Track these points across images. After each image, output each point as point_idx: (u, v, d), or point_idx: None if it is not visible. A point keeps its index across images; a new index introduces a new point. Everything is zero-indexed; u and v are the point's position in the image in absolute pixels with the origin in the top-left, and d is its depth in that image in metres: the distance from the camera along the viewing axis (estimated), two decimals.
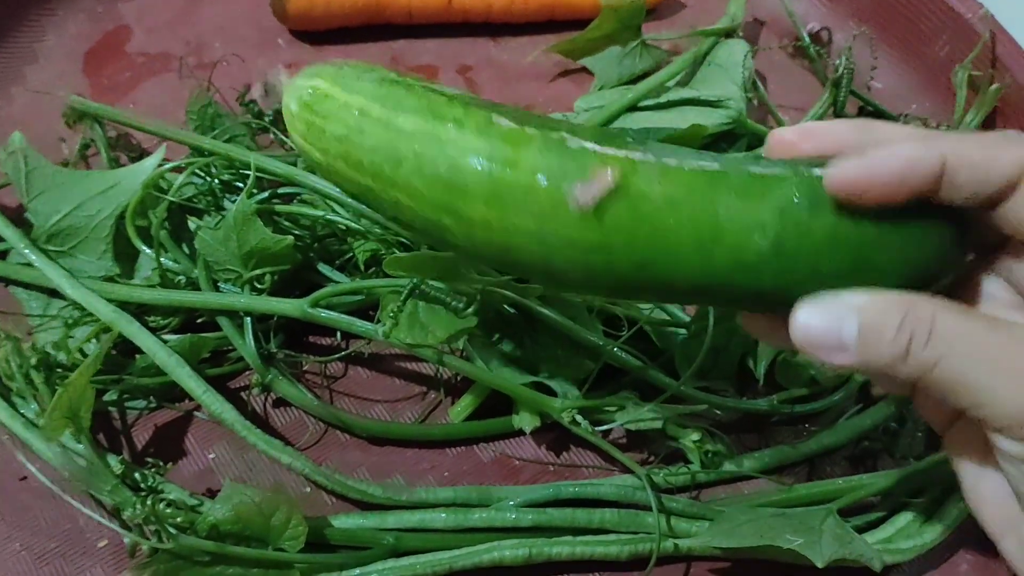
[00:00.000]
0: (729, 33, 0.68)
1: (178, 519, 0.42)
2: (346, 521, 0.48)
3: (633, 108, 0.63)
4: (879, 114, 0.64)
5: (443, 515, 0.48)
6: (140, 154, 0.61)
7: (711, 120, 0.62)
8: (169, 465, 0.47)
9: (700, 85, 0.65)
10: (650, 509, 0.47)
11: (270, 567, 0.45)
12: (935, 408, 0.36)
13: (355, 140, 0.42)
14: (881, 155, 0.30)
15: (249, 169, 0.52)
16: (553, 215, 0.34)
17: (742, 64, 0.64)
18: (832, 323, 0.30)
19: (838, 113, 0.61)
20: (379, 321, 0.48)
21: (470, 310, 0.46)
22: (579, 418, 0.47)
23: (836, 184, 0.30)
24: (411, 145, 0.39)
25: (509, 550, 0.46)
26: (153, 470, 0.47)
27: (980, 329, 0.30)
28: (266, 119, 0.61)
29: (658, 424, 0.48)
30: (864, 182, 0.30)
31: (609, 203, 0.33)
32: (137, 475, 0.47)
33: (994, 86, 0.57)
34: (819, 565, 0.42)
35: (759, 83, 0.68)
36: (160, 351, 0.50)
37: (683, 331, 0.53)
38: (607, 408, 0.49)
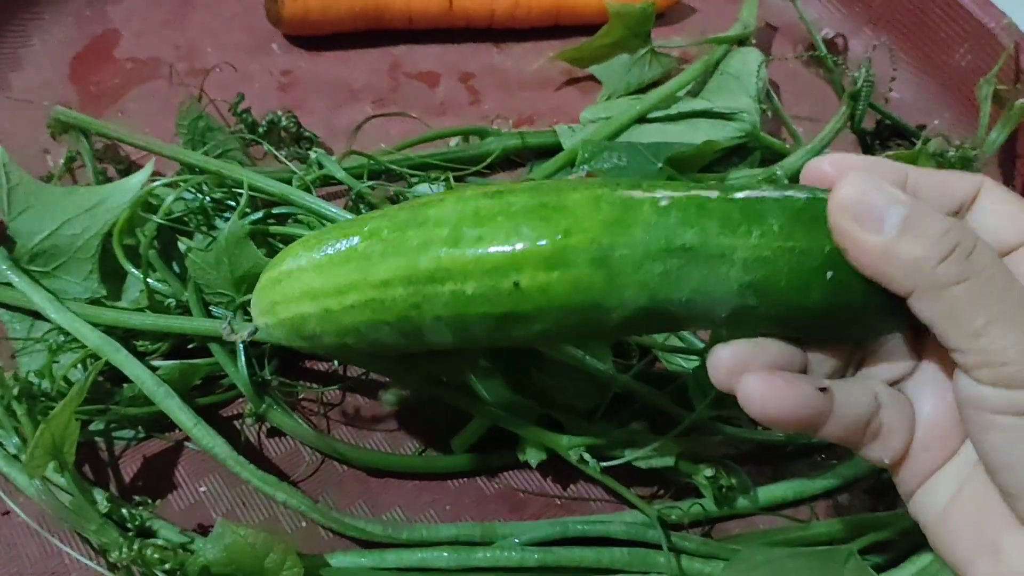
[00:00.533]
0: (742, 40, 0.65)
1: (167, 565, 0.40)
2: (343, 560, 0.46)
3: (642, 119, 0.61)
4: (898, 128, 0.61)
5: (445, 554, 0.46)
6: (128, 167, 0.58)
7: (723, 134, 0.60)
8: (157, 502, 0.45)
9: (712, 95, 0.63)
10: (661, 548, 0.45)
11: None
12: (912, 473, 0.34)
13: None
14: (851, 154, 0.34)
15: (241, 187, 0.50)
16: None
17: (756, 74, 0.61)
18: (879, 199, 0.30)
19: (855, 128, 0.59)
20: None
21: None
22: (587, 456, 0.45)
23: (811, 174, 0.33)
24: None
25: None
26: (140, 508, 0.45)
27: (1005, 269, 0.30)
28: (260, 131, 0.58)
29: (669, 462, 0.46)
30: (833, 172, 0.32)
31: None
32: (124, 511, 0.45)
33: (1020, 101, 0.54)
34: None
35: (772, 93, 0.65)
36: (148, 380, 0.47)
37: (696, 358, 0.51)
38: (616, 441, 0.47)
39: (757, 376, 0.32)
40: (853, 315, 0.32)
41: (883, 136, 0.61)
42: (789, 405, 0.31)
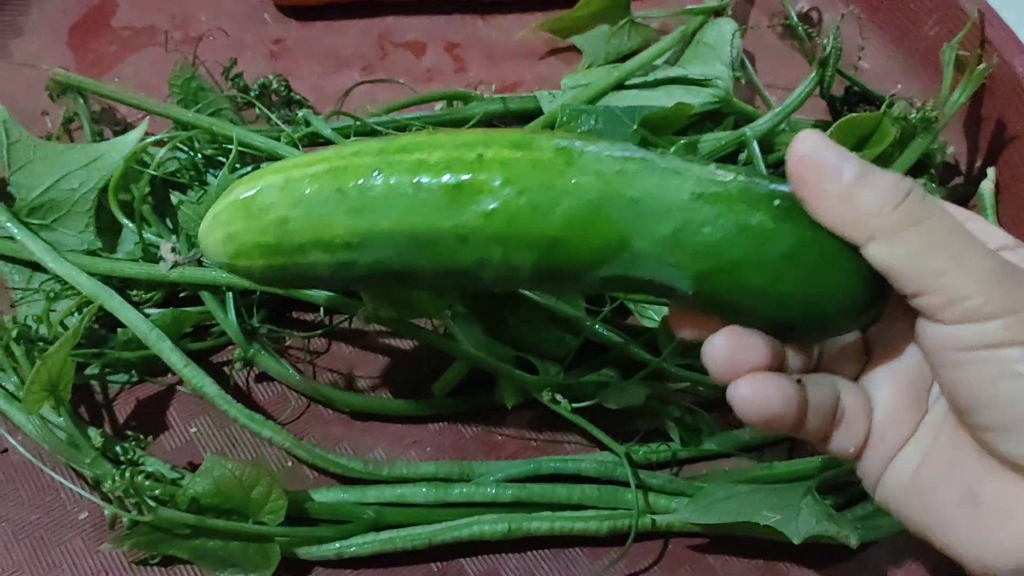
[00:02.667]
0: (718, 12, 0.67)
1: (157, 491, 0.42)
2: (327, 495, 0.48)
3: (620, 87, 0.63)
4: (865, 94, 0.63)
5: (423, 489, 0.48)
6: (124, 128, 0.61)
7: (697, 99, 0.61)
8: (149, 438, 0.47)
9: (688, 64, 0.65)
10: (629, 485, 0.48)
11: (250, 540, 0.45)
12: (875, 459, 0.35)
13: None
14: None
15: (231, 143, 0.52)
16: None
17: (730, 43, 0.63)
18: (832, 156, 0.31)
19: (824, 93, 0.61)
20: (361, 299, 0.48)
21: None
22: (559, 397, 0.47)
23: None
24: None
25: (488, 524, 0.47)
26: (133, 443, 0.47)
27: (951, 215, 0.31)
28: (252, 93, 0.61)
29: (639, 400, 0.48)
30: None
31: None
32: (118, 448, 0.47)
33: (982, 66, 0.56)
34: (795, 542, 0.42)
35: (747, 62, 0.67)
36: (141, 324, 0.49)
37: (666, 309, 0.53)
38: (588, 385, 0.49)
39: (746, 380, 0.33)
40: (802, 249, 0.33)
41: (851, 102, 0.63)
42: (777, 404, 0.33)
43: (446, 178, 0.33)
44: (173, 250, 0.40)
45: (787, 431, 0.34)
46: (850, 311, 0.33)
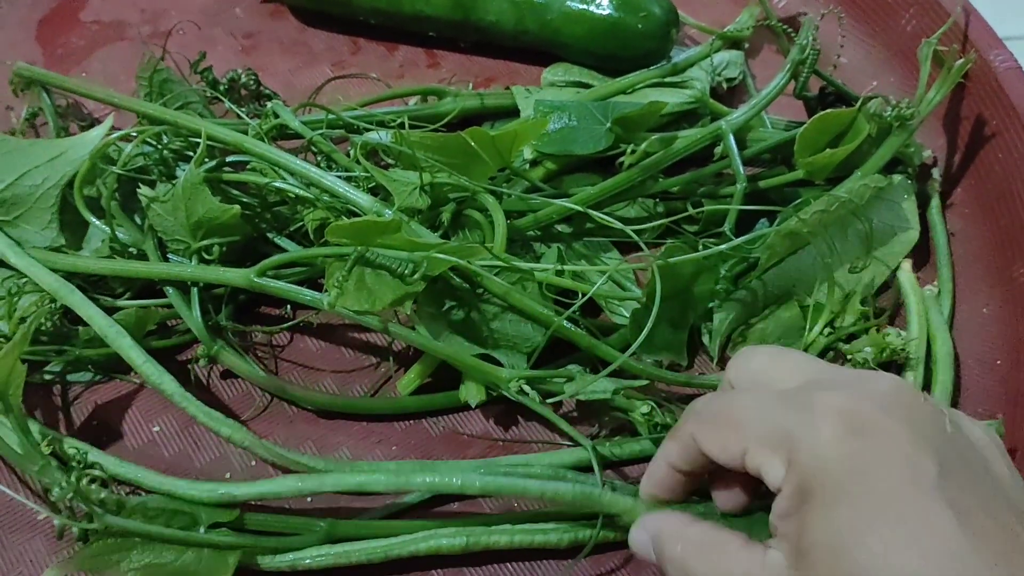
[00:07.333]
0: (736, 44, 0.67)
1: (102, 495, 0.41)
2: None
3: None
4: (840, 93, 0.62)
5: (383, 477, 0.46)
6: (91, 123, 0.60)
7: (674, 99, 0.61)
8: (104, 439, 0.46)
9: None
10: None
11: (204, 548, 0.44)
12: None
13: None
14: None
15: (198, 137, 0.51)
16: None
17: (710, 45, 0.63)
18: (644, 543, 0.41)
19: (798, 93, 0.60)
20: (326, 290, 0.47)
21: (416, 275, 0.45)
22: (527, 388, 0.46)
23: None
24: None
25: (446, 539, 0.45)
26: (85, 452, 0.46)
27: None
28: (221, 88, 0.60)
29: (606, 395, 0.48)
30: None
31: None
32: (71, 451, 0.46)
33: (959, 61, 0.56)
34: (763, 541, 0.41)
35: (748, 73, 0.67)
36: (101, 321, 0.48)
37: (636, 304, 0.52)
38: (555, 380, 0.48)
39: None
40: None
41: (826, 101, 0.62)
42: None
43: None
44: None
45: None
46: None
